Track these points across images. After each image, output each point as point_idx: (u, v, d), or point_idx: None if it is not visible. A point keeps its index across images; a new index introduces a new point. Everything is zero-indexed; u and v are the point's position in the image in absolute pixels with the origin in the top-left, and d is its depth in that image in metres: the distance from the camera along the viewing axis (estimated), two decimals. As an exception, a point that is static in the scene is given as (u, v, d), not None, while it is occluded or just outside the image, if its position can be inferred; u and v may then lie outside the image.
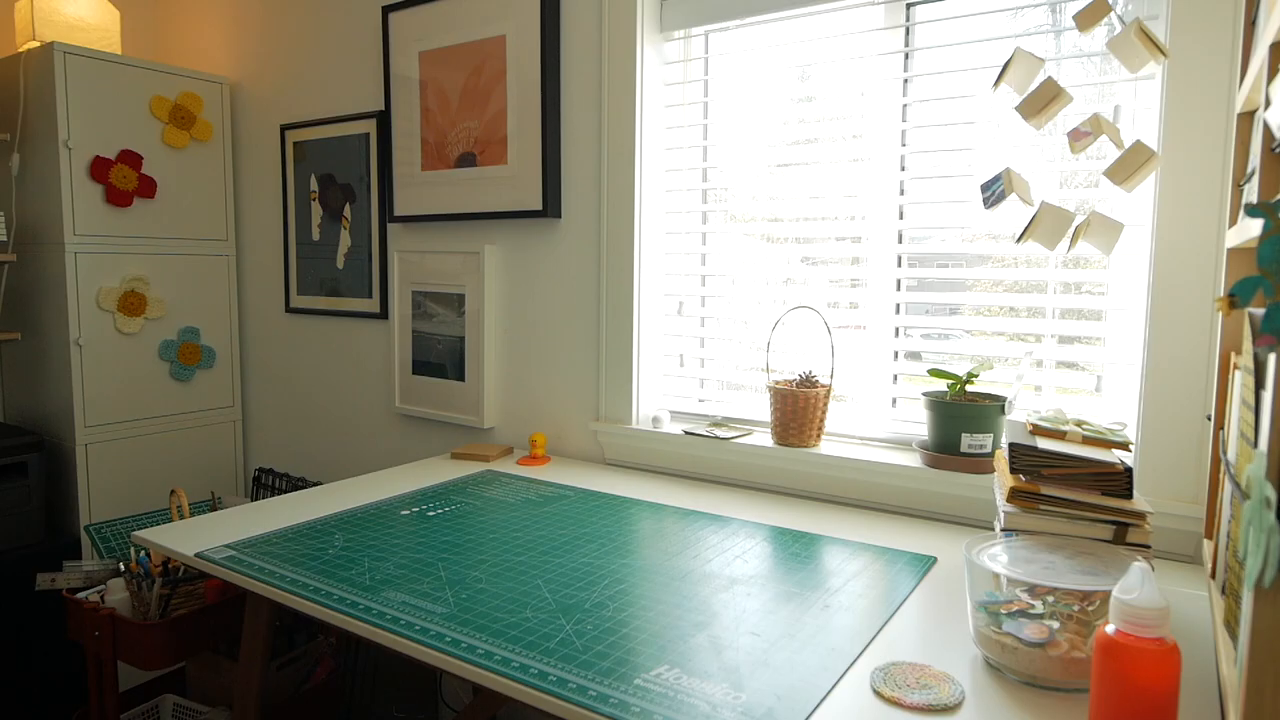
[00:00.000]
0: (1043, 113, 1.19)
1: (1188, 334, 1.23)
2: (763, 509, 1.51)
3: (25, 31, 2.30)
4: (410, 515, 1.44)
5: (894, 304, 1.61)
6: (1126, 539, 1.00)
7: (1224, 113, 1.18)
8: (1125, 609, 0.68)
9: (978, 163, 1.50)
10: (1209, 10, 1.18)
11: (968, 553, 0.94)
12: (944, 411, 1.44)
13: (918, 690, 0.86)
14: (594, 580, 1.15)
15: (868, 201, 1.62)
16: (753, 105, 1.75)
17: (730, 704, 0.83)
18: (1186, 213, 1.22)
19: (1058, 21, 1.47)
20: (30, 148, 2.26)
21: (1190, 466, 1.24)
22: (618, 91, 1.78)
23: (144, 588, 1.27)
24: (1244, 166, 1.02)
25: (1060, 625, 0.86)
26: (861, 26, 1.61)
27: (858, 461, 1.53)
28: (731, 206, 1.83)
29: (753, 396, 1.81)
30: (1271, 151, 0.85)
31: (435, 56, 2.05)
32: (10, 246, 2.32)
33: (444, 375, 2.12)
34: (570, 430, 1.94)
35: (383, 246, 2.26)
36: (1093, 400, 1.45)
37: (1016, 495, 1.04)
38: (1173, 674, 0.67)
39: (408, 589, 1.12)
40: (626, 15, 1.75)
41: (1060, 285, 1.45)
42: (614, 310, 1.83)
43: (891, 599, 1.09)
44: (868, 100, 1.62)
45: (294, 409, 2.56)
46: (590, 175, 1.86)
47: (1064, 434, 1.09)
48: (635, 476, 1.75)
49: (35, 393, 2.35)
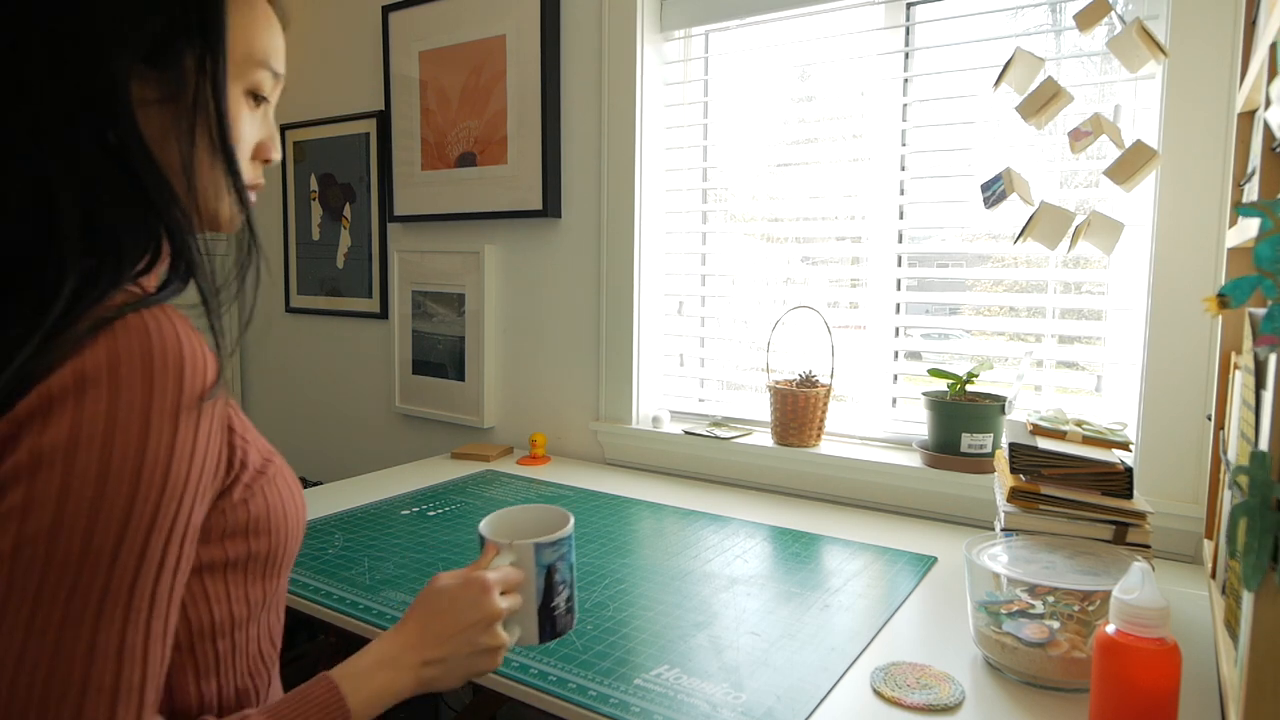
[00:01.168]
0: (1042, 112, 1.19)
1: (1188, 334, 1.23)
2: (763, 509, 1.51)
3: (25, 31, 2.30)
4: (410, 515, 1.44)
5: (894, 304, 1.61)
6: (1126, 539, 1.00)
7: (1224, 113, 1.18)
8: (1125, 609, 0.68)
9: (978, 163, 1.50)
10: (1209, 10, 1.18)
11: (968, 553, 0.94)
12: (944, 411, 1.44)
13: (918, 690, 0.86)
14: (594, 580, 1.15)
15: (868, 201, 1.62)
16: (753, 105, 1.75)
17: (730, 704, 0.83)
18: (1186, 213, 1.22)
19: (1058, 21, 1.47)
20: (30, 147, 2.26)
21: (1190, 466, 1.24)
22: (618, 91, 1.78)
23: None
24: (1244, 166, 1.02)
25: (1060, 625, 0.86)
26: (861, 26, 1.61)
27: (858, 461, 1.53)
28: (731, 206, 1.83)
29: (753, 396, 1.81)
30: (1272, 151, 0.85)
31: (435, 56, 2.05)
32: (10, 246, 2.32)
33: (444, 375, 2.12)
34: (570, 430, 1.94)
35: (383, 246, 2.25)
36: (1093, 400, 1.45)
37: (1016, 495, 1.04)
38: (1173, 674, 0.67)
39: (408, 589, 1.12)
40: (626, 15, 1.75)
41: (1060, 285, 1.45)
42: (614, 310, 1.83)
43: (891, 599, 1.09)
44: (868, 100, 1.62)
45: (294, 408, 2.56)
46: (590, 175, 1.86)
47: (1064, 434, 1.09)
48: (635, 476, 1.75)
49: (35, 393, 2.35)
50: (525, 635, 0.74)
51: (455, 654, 0.67)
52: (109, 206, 0.53)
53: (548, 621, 0.75)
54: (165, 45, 0.55)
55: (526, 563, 0.73)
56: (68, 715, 0.45)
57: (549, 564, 0.74)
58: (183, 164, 0.57)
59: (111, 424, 0.46)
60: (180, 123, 0.57)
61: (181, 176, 0.57)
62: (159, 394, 0.48)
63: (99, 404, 0.46)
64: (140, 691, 0.48)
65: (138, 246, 0.55)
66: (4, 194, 0.51)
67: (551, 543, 0.74)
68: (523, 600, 0.73)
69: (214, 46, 0.57)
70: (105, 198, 0.53)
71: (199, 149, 0.58)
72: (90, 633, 0.46)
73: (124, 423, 0.47)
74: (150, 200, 0.55)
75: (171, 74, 0.56)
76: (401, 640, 0.66)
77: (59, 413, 0.46)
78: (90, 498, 0.46)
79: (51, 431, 0.46)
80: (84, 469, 0.46)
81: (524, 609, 0.74)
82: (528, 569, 0.73)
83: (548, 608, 0.74)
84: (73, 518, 0.45)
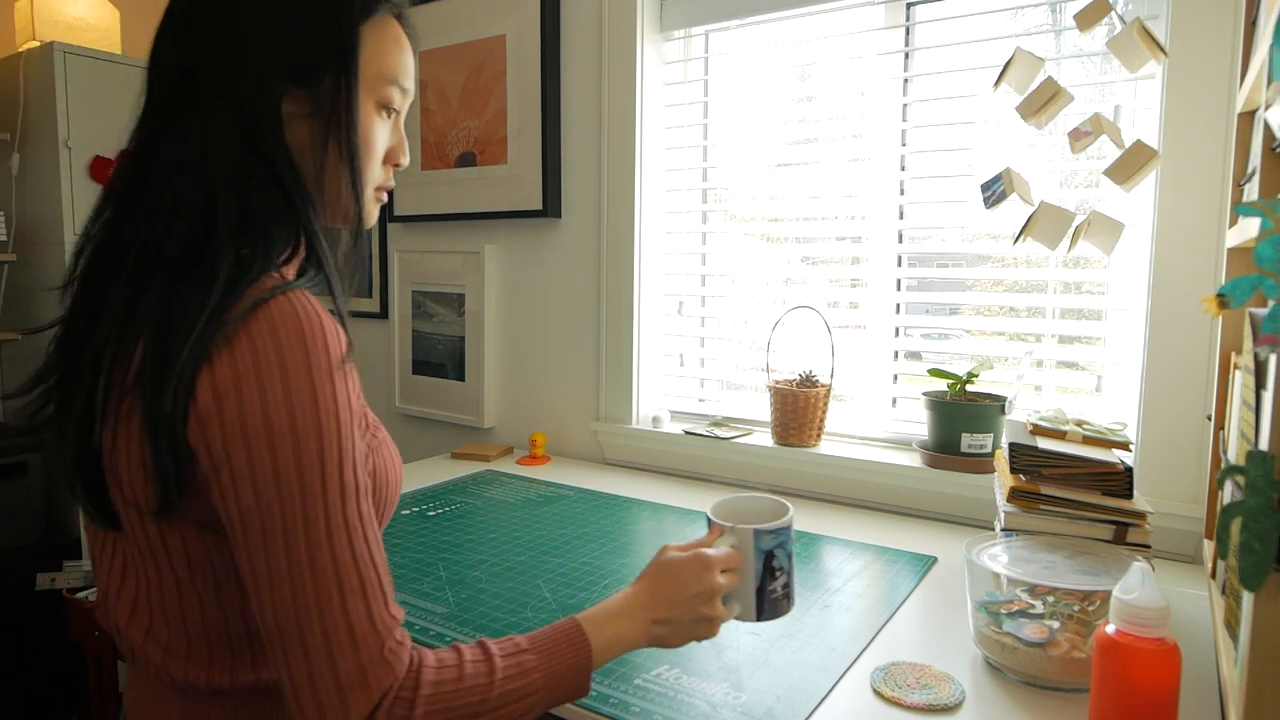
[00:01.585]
0: (1042, 112, 1.19)
1: (1188, 334, 1.23)
2: (763, 509, 1.51)
3: (25, 31, 2.30)
4: (410, 515, 1.44)
5: (894, 304, 1.61)
6: (1126, 539, 1.00)
7: (1224, 113, 1.18)
8: (1125, 609, 0.68)
9: (978, 163, 1.50)
10: (1209, 10, 1.18)
11: (968, 553, 0.94)
12: (944, 411, 1.44)
13: (918, 690, 0.86)
14: (594, 580, 1.15)
15: (868, 201, 1.62)
16: (753, 105, 1.75)
17: (730, 704, 0.83)
18: (1186, 213, 1.22)
19: (1058, 21, 1.47)
20: (30, 147, 2.26)
21: (1190, 466, 1.24)
22: (618, 91, 1.78)
23: (144, 588, 1.28)
24: (1244, 166, 1.02)
25: (1060, 625, 0.86)
26: (861, 26, 1.61)
27: (858, 461, 1.53)
28: (731, 206, 1.83)
29: (753, 396, 1.81)
30: (1272, 151, 0.85)
31: (435, 56, 2.05)
32: (10, 246, 2.32)
33: (444, 375, 2.12)
34: (570, 430, 1.94)
35: (383, 246, 2.25)
36: (1093, 400, 1.45)
37: (1016, 495, 1.04)
38: (1173, 674, 0.67)
39: (408, 589, 1.12)
40: (626, 15, 1.75)
41: (1060, 285, 1.45)
42: (614, 310, 1.83)
43: (891, 599, 1.09)
44: (868, 100, 1.61)
45: (294, 409, 2.55)
46: (590, 175, 1.86)
47: (1064, 434, 1.09)
48: (635, 476, 1.75)
49: (35, 393, 2.35)
50: (744, 612, 0.81)
51: (679, 619, 0.75)
52: (259, 208, 0.64)
53: (765, 603, 0.80)
54: (312, 69, 0.66)
55: (746, 546, 0.79)
56: (337, 611, 0.57)
57: (768, 550, 0.80)
58: (316, 170, 0.68)
59: (287, 389, 0.57)
60: (317, 134, 0.67)
61: (316, 180, 0.68)
62: (315, 359, 0.59)
63: (274, 377, 0.57)
64: (379, 586, 0.60)
65: (281, 239, 0.65)
66: (178, 203, 0.62)
67: (771, 530, 0.80)
68: (741, 580, 0.80)
69: (349, 69, 0.67)
70: (257, 200, 0.64)
71: (330, 156, 0.68)
72: (329, 549, 0.58)
73: (296, 387, 0.58)
74: (291, 202, 0.65)
75: (314, 91, 0.67)
76: (634, 598, 0.75)
77: (247, 389, 0.57)
78: (292, 449, 0.57)
79: (247, 405, 0.57)
80: (280, 429, 0.57)
81: (743, 588, 0.80)
82: (746, 552, 0.79)
83: (764, 590, 0.80)
84: (285, 467, 0.57)
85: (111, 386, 0.61)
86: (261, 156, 0.65)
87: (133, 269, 0.62)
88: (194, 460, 0.58)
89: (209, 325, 0.57)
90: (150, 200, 0.64)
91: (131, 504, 0.62)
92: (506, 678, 0.64)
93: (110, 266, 0.65)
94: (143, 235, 0.63)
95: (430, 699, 0.60)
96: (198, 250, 0.61)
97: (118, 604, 0.67)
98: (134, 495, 0.61)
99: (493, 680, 0.63)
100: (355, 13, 0.68)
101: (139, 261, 0.62)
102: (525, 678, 0.65)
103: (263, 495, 0.57)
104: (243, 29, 0.65)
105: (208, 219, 0.62)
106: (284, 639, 0.57)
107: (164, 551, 0.63)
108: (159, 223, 0.63)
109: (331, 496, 0.58)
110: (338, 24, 0.67)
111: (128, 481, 0.61)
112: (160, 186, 0.64)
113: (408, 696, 0.59)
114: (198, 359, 0.57)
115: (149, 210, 0.63)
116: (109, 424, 0.61)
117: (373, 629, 0.58)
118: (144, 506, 0.61)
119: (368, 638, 0.58)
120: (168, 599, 0.64)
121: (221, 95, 0.64)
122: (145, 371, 0.58)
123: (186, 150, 0.63)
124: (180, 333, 0.57)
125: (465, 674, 0.62)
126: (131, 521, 0.63)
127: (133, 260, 0.63)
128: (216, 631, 0.65)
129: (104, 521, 0.64)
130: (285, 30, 0.65)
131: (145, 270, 0.62)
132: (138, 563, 0.65)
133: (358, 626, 0.58)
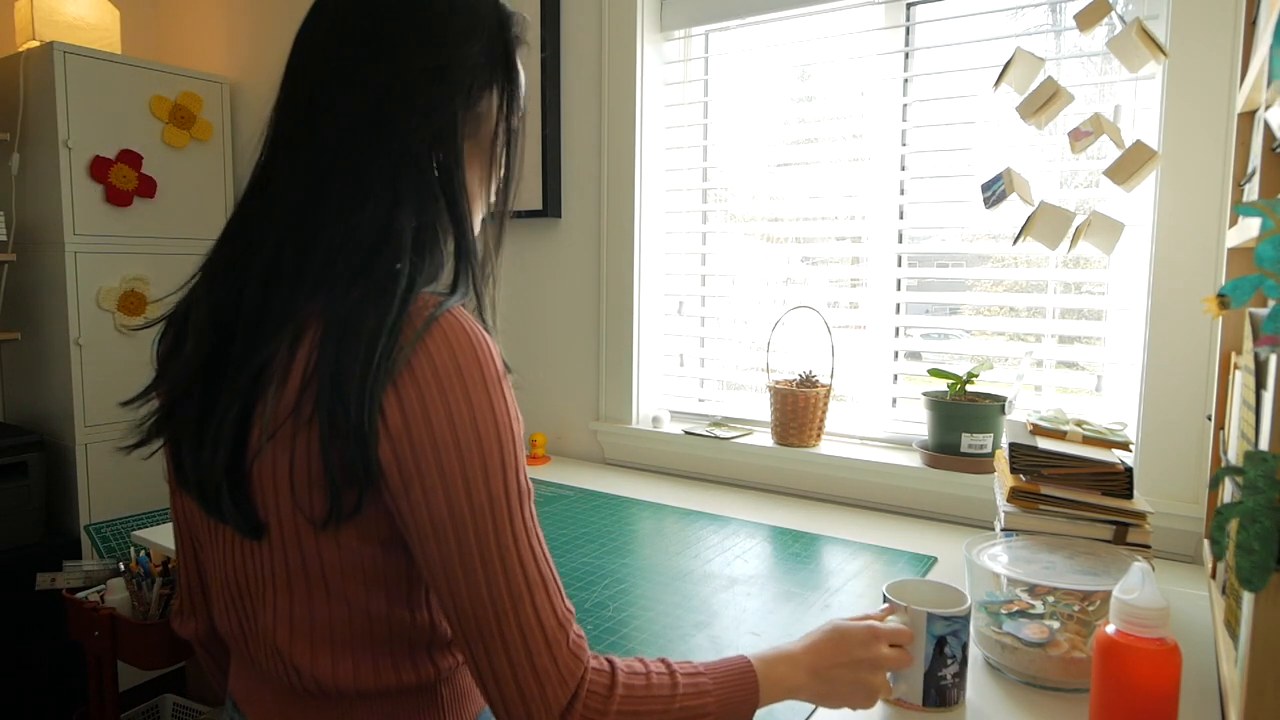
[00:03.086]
0: (1042, 112, 1.19)
1: (1188, 334, 1.23)
2: (763, 509, 1.51)
3: (25, 31, 2.30)
4: (410, 515, 1.43)
5: (894, 304, 1.61)
6: (1126, 539, 1.00)
7: (1224, 113, 1.18)
8: (1125, 609, 0.68)
9: (978, 163, 1.50)
10: (1209, 10, 1.18)
11: (968, 553, 0.94)
12: (944, 411, 1.44)
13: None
14: (594, 580, 1.15)
15: (868, 201, 1.62)
16: (753, 105, 1.75)
17: (730, 704, 0.83)
18: (1186, 213, 1.22)
19: (1058, 21, 1.47)
20: (30, 147, 2.26)
21: (1190, 466, 1.24)
22: (618, 91, 1.78)
23: (144, 587, 1.27)
24: (1244, 166, 1.02)
25: (1060, 625, 0.86)
26: (861, 26, 1.61)
27: (858, 461, 1.53)
28: (731, 206, 1.83)
29: (753, 396, 1.81)
30: (1272, 151, 0.85)
31: (435, 56, 2.05)
32: (10, 246, 2.32)
33: (444, 375, 2.12)
34: (570, 430, 1.94)
35: (383, 246, 2.25)
36: (1093, 400, 1.45)
37: (1016, 495, 1.04)
38: (1173, 674, 0.67)
39: (408, 589, 1.12)
40: (626, 15, 1.75)
41: (1060, 285, 1.45)
42: (614, 310, 1.83)
43: (891, 599, 1.09)
44: (868, 100, 1.61)
45: (294, 409, 2.55)
46: (590, 175, 1.86)
47: (1064, 434, 1.09)
48: (635, 476, 1.75)
49: (35, 393, 2.35)
50: (909, 693, 0.82)
51: (839, 679, 0.76)
52: (430, 220, 0.66)
53: (933, 687, 0.81)
54: (483, 88, 0.70)
55: (918, 627, 0.81)
56: (528, 608, 0.61)
57: (940, 635, 0.80)
58: (470, 183, 0.71)
59: (470, 404, 0.60)
60: (477, 149, 0.71)
61: (468, 194, 0.70)
62: (487, 372, 0.62)
63: (455, 392, 0.60)
64: (556, 580, 0.64)
65: (445, 255, 0.69)
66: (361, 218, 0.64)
67: (945, 616, 0.80)
68: (911, 661, 0.81)
69: (514, 84, 0.72)
70: (429, 212, 0.66)
71: (476, 173, 0.72)
72: (516, 552, 0.61)
73: (476, 401, 0.61)
74: (455, 215, 0.68)
75: (482, 108, 0.70)
76: (800, 651, 0.76)
77: (433, 406, 0.59)
78: (479, 460, 0.60)
79: (435, 421, 0.59)
80: (467, 442, 0.60)
81: (912, 669, 0.81)
82: (919, 633, 0.81)
83: (934, 675, 0.81)
84: (474, 478, 0.60)
85: (279, 398, 0.61)
86: (443, 171, 0.67)
87: (293, 275, 0.63)
88: (382, 476, 0.60)
89: (389, 342, 0.59)
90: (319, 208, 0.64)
91: (289, 514, 0.62)
92: (686, 694, 0.66)
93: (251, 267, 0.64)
94: (306, 239, 0.63)
95: (624, 699, 0.63)
96: (368, 260, 0.62)
97: (263, 611, 0.67)
98: (302, 506, 0.62)
99: (675, 694, 0.65)
100: (512, 37, 0.72)
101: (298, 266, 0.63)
102: (701, 699, 0.67)
103: (455, 506, 0.59)
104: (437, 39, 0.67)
105: (385, 230, 0.63)
106: (484, 638, 0.60)
107: (317, 559, 0.64)
108: (326, 231, 0.63)
109: (514, 501, 0.61)
110: (506, 47, 0.70)
111: (292, 492, 0.61)
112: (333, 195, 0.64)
113: (603, 693, 0.62)
114: (382, 377, 0.58)
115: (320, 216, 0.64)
116: (271, 435, 0.61)
117: (558, 622, 0.62)
118: (313, 517, 0.62)
119: (556, 631, 0.62)
120: (316, 605, 0.65)
121: (419, 117, 0.65)
122: (325, 389, 0.59)
123: (368, 162, 0.64)
124: (361, 350, 0.58)
125: (652, 682, 0.65)
126: (284, 531, 0.63)
127: (290, 265, 0.63)
128: (364, 636, 0.66)
129: (248, 530, 0.64)
130: (471, 47, 0.68)
131: (311, 278, 0.62)
132: (285, 571, 0.65)
133: (547, 621, 0.61)
